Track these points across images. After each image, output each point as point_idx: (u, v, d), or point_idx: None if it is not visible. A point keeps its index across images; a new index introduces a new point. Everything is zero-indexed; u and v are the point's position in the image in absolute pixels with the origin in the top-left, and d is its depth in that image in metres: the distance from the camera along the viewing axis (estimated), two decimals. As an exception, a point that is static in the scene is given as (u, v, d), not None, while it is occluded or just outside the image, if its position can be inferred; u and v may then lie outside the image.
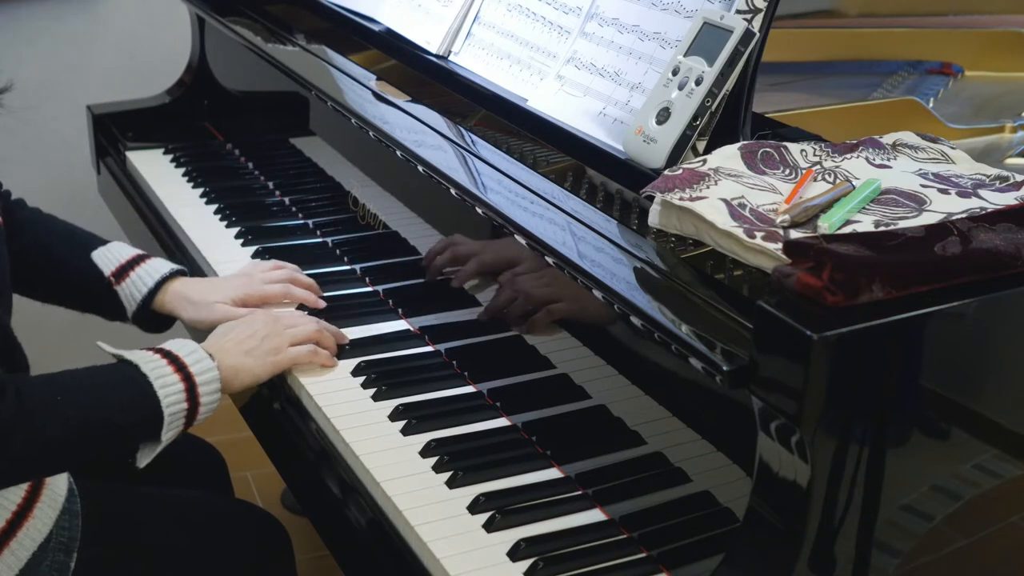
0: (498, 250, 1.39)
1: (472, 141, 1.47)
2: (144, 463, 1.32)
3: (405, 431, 1.36)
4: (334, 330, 1.53)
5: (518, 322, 1.37)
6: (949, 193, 1.15)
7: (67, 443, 1.25)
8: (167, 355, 1.33)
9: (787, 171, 1.20)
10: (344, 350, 1.51)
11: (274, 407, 1.49)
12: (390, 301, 1.65)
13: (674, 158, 1.25)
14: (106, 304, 1.62)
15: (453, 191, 1.39)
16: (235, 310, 1.57)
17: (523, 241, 1.27)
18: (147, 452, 1.32)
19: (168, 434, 1.31)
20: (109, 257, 1.61)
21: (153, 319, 1.63)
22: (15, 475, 1.29)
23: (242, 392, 1.46)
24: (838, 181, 1.17)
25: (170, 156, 2.19)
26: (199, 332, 1.59)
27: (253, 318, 1.48)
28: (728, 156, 1.20)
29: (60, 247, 1.63)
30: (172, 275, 1.61)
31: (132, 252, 1.63)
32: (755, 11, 1.26)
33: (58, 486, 1.37)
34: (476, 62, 1.62)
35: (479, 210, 1.35)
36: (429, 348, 1.54)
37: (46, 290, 1.65)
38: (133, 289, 1.60)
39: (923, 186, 1.16)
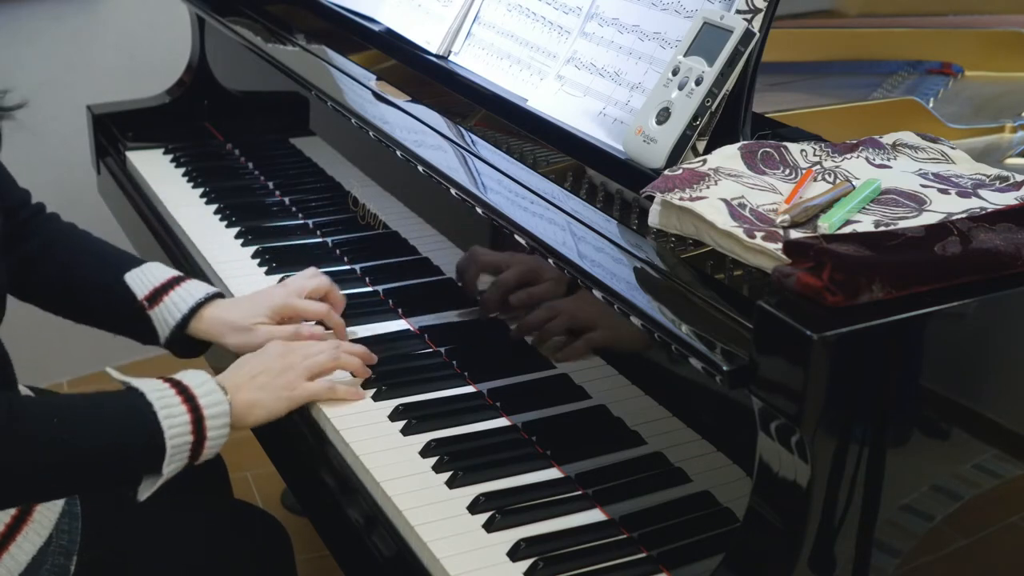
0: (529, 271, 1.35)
1: (472, 141, 1.47)
2: (144, 496, 1.27)
3: (405, 431, 1.36)
4: (360, 350, 1.46)
5: (549, 343, 1.34)
6: (949, 193, 1.15)
7: (59, 468, 1.22)
8: (176, 385, 1.28)
9: (787, 171, 1.20)
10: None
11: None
12: (390, 301, 1.65)
13: (674, 158, 1.25)
14: (139, 328, 1.54)
15: (453, 191, 1.39)
16: (277, 329, 1.49)
17: (523, 241, 1.27)
18: (148, 485, 1.27)
19: (170, 467, 1.26)
20: (143, 279, 1.53)
21: (188, 344, 1.54)
22: (10, 497, 1.25)
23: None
24: (838, 181, 1.17)
25: (170, 156, 2.19)
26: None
27: (269, 350, 1.41)
28: (728, 156, 1.20)
29: (91, 267, 1.56)
30: (208, 299, 1.52)
31: (168, 274, 1.54)
32: (755, 11, 1.26)
33: (58, 487, 1.37)
34: (476, 62, 1.62)
35: (479, 210, 1.35)
36: (429, 348, 1.54)
37: (76, 311, 1.59)
38: (167, 314, 1.51)
39: (923, 186, 1.16)
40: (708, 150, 1.24)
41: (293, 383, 1.37)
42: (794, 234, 1.08)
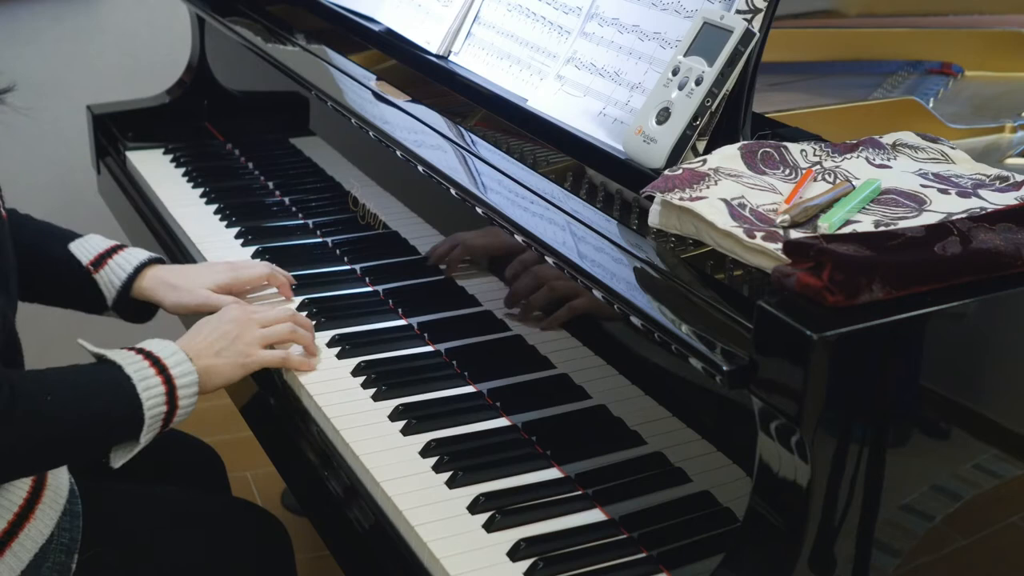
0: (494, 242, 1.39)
1: (472, 141, 1.47)
2: (119, 464, 1.31)
3: (405, 431, 1.36)
4: (307, 337, 1.50)
5: (534, 315, 1.36)
6: (949, 193, 1.15)
7: (54, 442, 1.26)
8: (148, 356, 1.33)
9: (787, 171, 1.20)
10: (344, 350, 1.51)
11: (274, 407, 1.49)
12: (390, 301, 1.65)
13: (674, 158, 1.25)
14: (85, 295, 1.61)
15: (453, 191, 1.39)
16: (218, 296, 1.57)
17: (523, 241, 1.27)
18: (123, 453, 1.31)
19: (146, 436, 1.31)
20: (87, 247, 1.61)
21: (133, 308, 1.62)
22: (4, 472, 1.29)
23: (241, 383, 1.45)
24: (838, 181, 1.17)
25: (170, 156, 2.19)
26: (182, 319, 1.61)
27: (224, 316, 1.46)
28: (728, 156, 1.20)
29: (36, 242, 1.62)
30: (151, 262, 1.61)
31: (109, 242, 1.63)
32: (755, 11, 1.26)
33: (59, 487, 1.37)
34: (476, 62, 1.62)
35: (479, 210, 1.35)
36: (429, 348, 1.54)
37: (24, 286, 1.61)
38: (112, 276, 1.59)
39: (923, 186, 1.16)
40: (708, 150, 1.24)
41: (248, 351, 1.42)
42: (794, 234, 1.08)
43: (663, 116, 1.27)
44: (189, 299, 1.57)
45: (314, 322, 1.56)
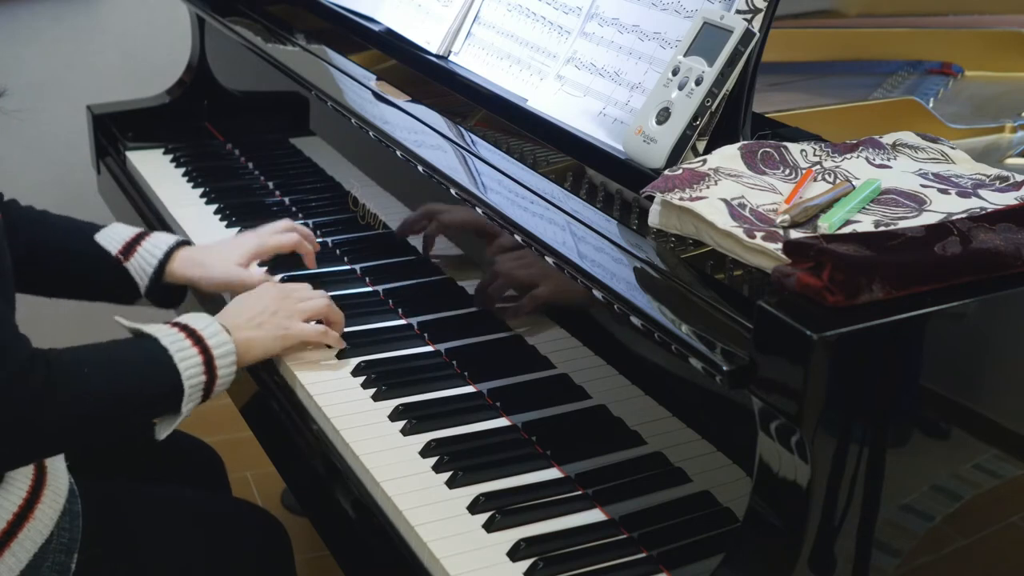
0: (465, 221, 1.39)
1: (472, 141, 1.47)
2: (164, 435, 1.34)
3: (405, 431, 1.36)
4: (340, 316, 1.53)
5: (505, 308, 1.37)
6: (949, 193, 1.15)
7: (94, 416, 1.28)
8: (184, 328, 1.35)
9: (787, 171, 1.20)
10: (344, 350, 1.51)
11: (274, 407, 1.49)
12: (390, 301, 1.65)
13: (674, 158, 1.25)
14: (116, 284, 1.61)
15: (453, 191, 1.39)
16: (248, 272, 1.59)
17: (523, 240, 1.27)
18: (166, 425, 1.34)
19: (188, 406, 1.33)
20: (113, 237, 1.62)
21: (165, 292, 1.63)
22: (45, 448, 1.30)
23: (241, 383, 1.46)
24: (838, 181, 1.17)
25: (170, 156, 2.19)
26: (211, 304, 1.62)
27: (264, 291, 1.49)
28: (728, 156, 1.20)
29: (61, 237, 1.63)
30: (179, 244, 1.62)
31: (135, 230, 1.64)
32: (755, 11, 1.26)
33: (59, 487, 1.37)
34: (476, 62, 1.62)
35: (479, 210, 1.35)
36: (429, 348, 1.54)
37: (54, 283, 1.64)
38: (143, 262, 1.60)
39: (923, 186, 1.16)
40: (708, 150, 1.24)
41: (287, 324, 1.45)
42: (794, 234, 1.08)
43: (663, 116, 1.27)
44: (220, 275, 1.59)
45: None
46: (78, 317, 1.75)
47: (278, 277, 1.68)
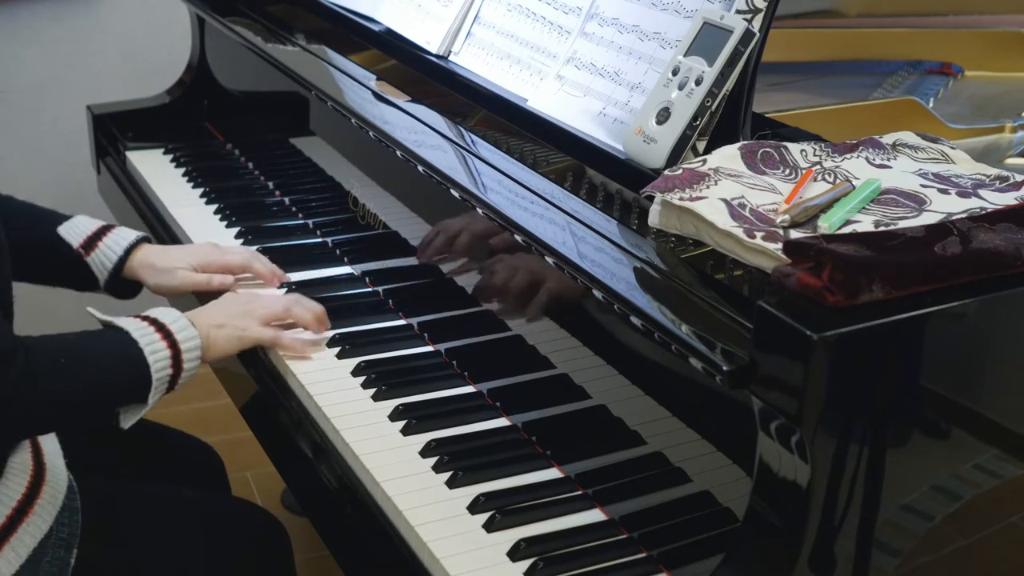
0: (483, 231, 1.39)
1: (472, 141, 1.47)
2: (129, 424, 1.37)
3: (405, 431, 1.36)
4: (315, 307, 1.54)
5: (507, 309, 1.37)
6: (949, 193, 1.15)
7: (68, 403, 1.32)
8: (154, 323, 1.39)
9: (787, 171, 1.20)
10: (344, 350, 1.51)
11: (274, 407, 1.49)
12: (390, 301, 1.65)
13: (674, 158, 1.25)
14: (77, 275, 1.67)
15: (453, 191, 1.39)
16: (195, 276, 1.65)
17: (523, 241, 1.27)
18: (131, 414, 1.37)
19: (154, 397, 1.37)
20: (75, 230, 1.66)
21: (123, 286, 1.68)
22: (20, 432, 1.35)
23: (241, 383, 1.50)
24: (838, 181, 1.17)
25: (170, 156, 2.19)
26: (171, 300, 1.68)
27: (229, 296, 1.56)
28: (728, 156, 1.20)
29: (25, 224, 1.65)
30: (139, 242, 1.67)
31: (97, 223, 1.68)
32: (755, 11, 1.26)
33: (57, 482, 1.37)
34: (476, 62, 1.62)
35: (479, 210, 1.35)
36: (429, 348, 1.54)
37: (14, 267, 1.66)
38: (103, 258, 1.65)
39: (923, 186, 1.16)
40: (708, 150, 1.24)
41: (246, 326, 1.49)
42: (794, 234, 1.08)
43: (663, 116, 1.27)
44: (169, 280, 1.65)
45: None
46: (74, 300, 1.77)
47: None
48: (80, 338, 1.36)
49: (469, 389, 1.45)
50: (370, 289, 1.69)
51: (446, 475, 1.28)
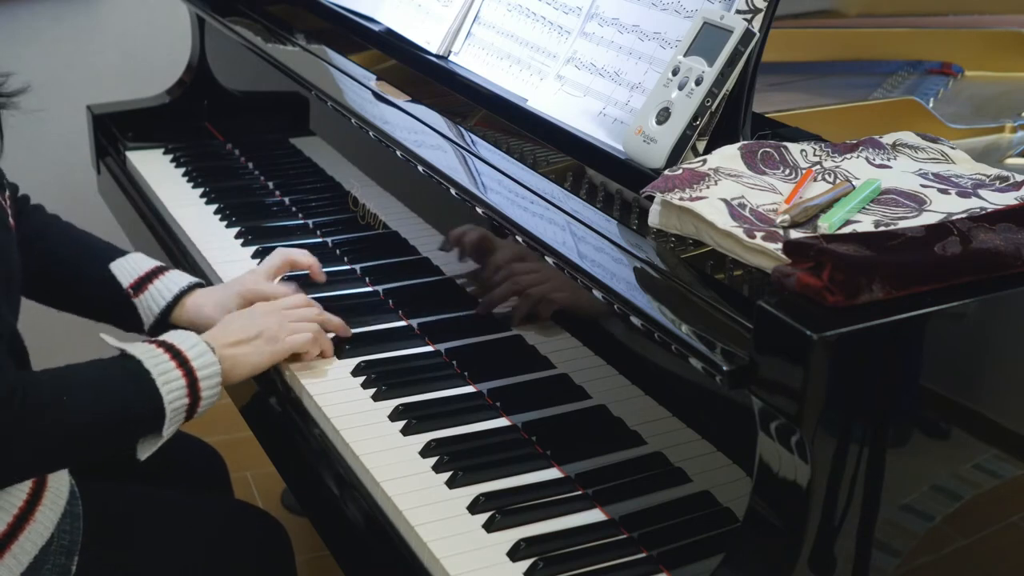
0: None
1: (472, 141, 1.47)
2: (145, 456, 1.32)
3: (405, 431, 1.36)
4: (336, 321, 1.52)
5: (516, 317, 1.37)
6: (949, 193, 1.15)
7: (72, 441, 1.27)
8: (169, 349, 1.33)
9: (787, 171, 1.20)
10: (344, 350, 1.51)
11: (274, 407, 1.49)
12: (390, 301, 1.65)
13: (674, 158, 1.25)
14: (123, 315, 1.60)
15: (453, 191, 1.39)
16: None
17: (523, 241, 1.27)
18: (148, 446, 1.32)
19: (169, 429, 1.32)
20: (127, 269, 1.59)
21: (169, 329, 1.59)
22: (19, 474, 1.30)
23: (241, 384, 1.45)
24: (838, 181, 1.17)
25: (170, 156, 2.19)
26: None
27: (252, 309, 1.48)
28: (728, 156, 1.20)
29: (77, 257, 1.61)
30: (191, 288, 1.59)
31: (151, 264, 1.61)
32: (755, 11, 1.26)
33: (60, 489, 1.37)
34: (476, 62, 1.62)
35: (479, 210, 1.35)
36: (429, 348, 1.54)
37: (61, 299, 1.63)
38: (151, 302, 1.57)
39: (923, 186, 1.16)
40: (708, 150, 1.24)
41: (276, 337, 1.43)
42: (794, 234, 1.08)
43: (663, 116, 1.27)
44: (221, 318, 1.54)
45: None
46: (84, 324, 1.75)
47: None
48: (88, 369, 1.31)
49: (469, 389, 1.45)
50: (370, 289, 1.69)
51: (446, 475, 1.28)
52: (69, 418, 1.25)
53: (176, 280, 1.59)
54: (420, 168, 1.45)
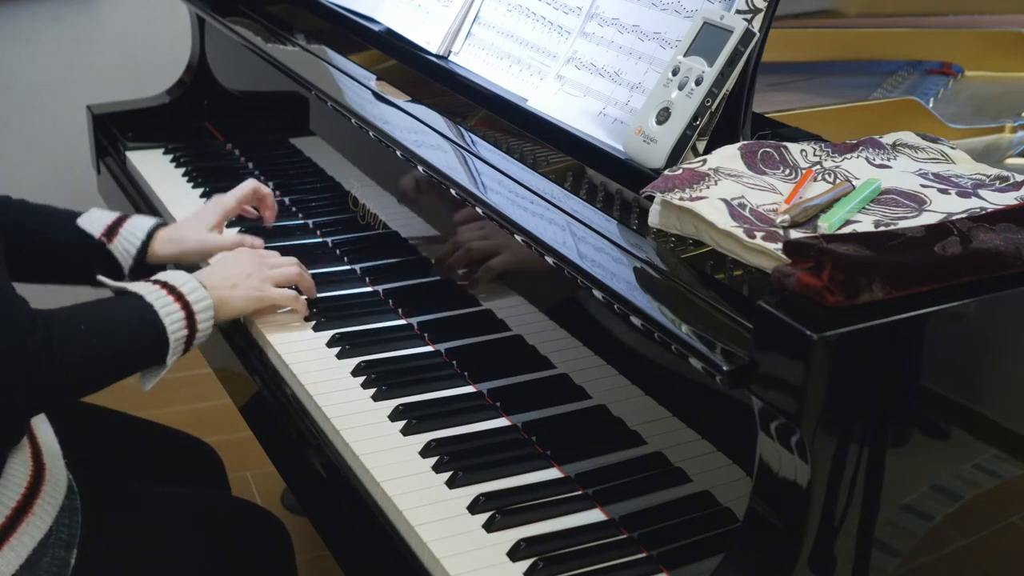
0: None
1: (472, 141, 1.47)
2: (150, 386, 1.42)
3: (405, 431, 1.36)
4: (309, 282, 1.62)
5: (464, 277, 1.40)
6: (949, 193, 1.15)
7: (88, 369, 1.34)
8: (165, 285, 1.42)
9: (787, 171, 1.20)
10: (345, 349, 1.51)
11: (274, 407, 1.49)
12: (390, 301, 1.65)
13: (674, 158, 1.25)
14: (101, 265, 1.67)
15: (453, 191, 1.39)
16: (224, 238, 1.69)
17: (523, 241, 1.27)
18: (151, 376, 1.41)
19: (172, 358, 1.41)
20: (94, 221, 1.68)
21: (145, 273, 1.67)
22: (47, 401, 1.36)
23: (241, 382, 1.52)
24: (838, 181, 1.17)
25: (170, 156, 2.19)
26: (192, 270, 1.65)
27: (240, 255, 1.59)
28: (728, 156, 1.20)
29: (44, 224, 1.68)
30: (158, 226, 1.70)
31: (114, 213, 1.71)
32: (755, 11, 1.26)
33: (58, 482, 1.37)
34: (476, 62, 1.62)
35: (479, 210, 1.35)
36: (429, 348, 1.54)
37: (36, 268, 1.68)
38: (126, 243, 1.67)
39: (923, 186, 1.16)
40: (708, 150, 1.24)
41: (261, 287, 1.55)
42: (794, 234, 1.08)
43: (663, 116, 1.27)
44: (195, 245, 1.68)
45: (313, 322, 1.57)
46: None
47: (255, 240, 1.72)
48: (96, 306, 1.39)
49: (469, 389, 1.45)
50: (370, 289, 1.69)
51: (446, 475, 1.28)
52: (88, 348, 1.33)
53: (143, 221, 1.70)
54: (420, 168, 1.45)
